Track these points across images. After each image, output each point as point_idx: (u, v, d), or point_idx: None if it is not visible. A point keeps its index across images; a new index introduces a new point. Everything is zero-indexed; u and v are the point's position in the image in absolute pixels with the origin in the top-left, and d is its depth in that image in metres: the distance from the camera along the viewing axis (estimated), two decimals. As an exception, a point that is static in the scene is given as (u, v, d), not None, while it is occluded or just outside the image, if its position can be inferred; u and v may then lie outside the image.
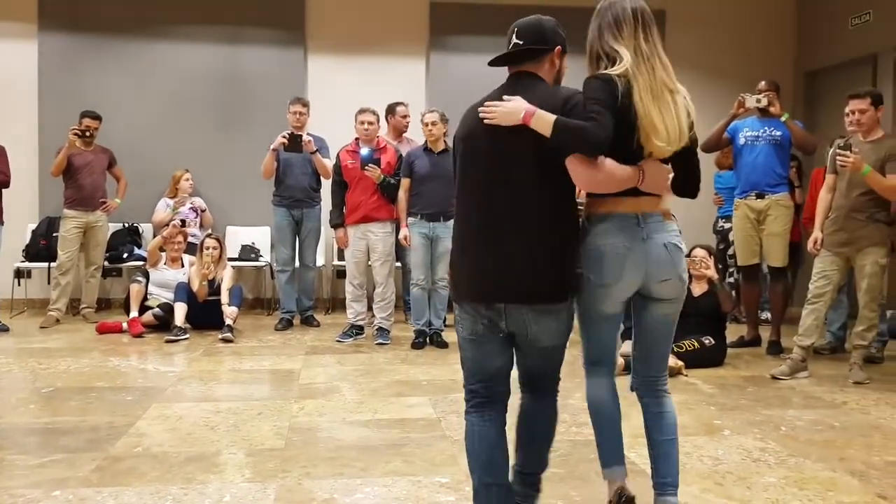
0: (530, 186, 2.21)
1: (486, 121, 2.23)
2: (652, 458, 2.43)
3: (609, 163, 2.20)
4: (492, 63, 2.39)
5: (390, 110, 6.61)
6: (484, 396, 2.34)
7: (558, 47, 2.32)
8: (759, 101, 5.39)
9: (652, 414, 2.43)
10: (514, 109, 2.18)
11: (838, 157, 4.59)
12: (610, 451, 2.46)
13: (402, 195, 5.64)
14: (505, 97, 2.23)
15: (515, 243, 2.21)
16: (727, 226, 6.66)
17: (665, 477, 2.40)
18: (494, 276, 2.22)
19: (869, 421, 3.83)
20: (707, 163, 6.82)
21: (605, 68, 2.27)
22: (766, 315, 6.34)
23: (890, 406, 4.11)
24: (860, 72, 7.20)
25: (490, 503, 2.32)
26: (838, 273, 4.76)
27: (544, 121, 2.14)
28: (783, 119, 5.41)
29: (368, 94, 6.84)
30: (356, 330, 5.91)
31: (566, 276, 2.25)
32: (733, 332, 5.75)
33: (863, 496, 2.82)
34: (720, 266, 6.53)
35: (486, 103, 2.26)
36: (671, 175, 2.34)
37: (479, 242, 2.26)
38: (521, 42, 2.29)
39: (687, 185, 2.39)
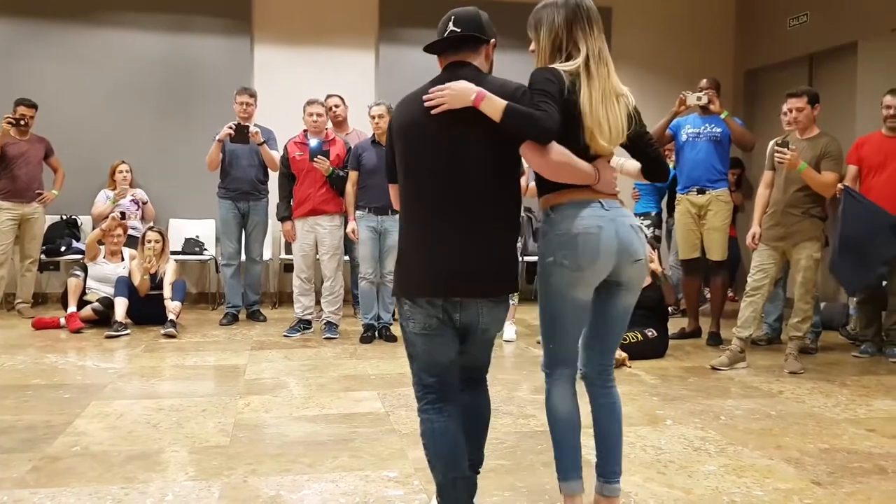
0: (482, 177, 2.18)
1: (433, 110, 2.17)
2: (600, 447, 2.44)
3: (561, 149, 2.18)
4: (428, 48, 2.30)
5: None
6: (438, 391, 2.31)
7: (493, 40, 2.31)
8: (699, 98, 5.51)
9: (602, 405, 2.43)
10: (464, 91, 2.14)
11: (776, 154, 4.73)
12: (569, 463, 2.37)
13: (349, 188, 5.60)
14: (448, 84, 2.17)
15: (471, 236, 2.18)
16: (645, 222, 6.79)
17: (614, 466, 2.44)
18: (452, 271, 2.18)
19: (804, 410, 3.96)
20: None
21: (559, 62, 2.28)
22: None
23: (823, 395, 4.26)
24: (797, 71, 7.42)
25: (459, 497, 2.30)
26: (775, 266, 4.91)
27: (494, 105, 2.11)
28: (723, 116, 5.54)
29: (316, 85, 6.78)
30: (304, 324, 5.86)
31: (516, 269, 2.31)
32: (675, 324, 5.88)
33: (798, 482, 2.92)
34: None
35: (431, 90, 2.19)
36: (617, 175, 2.37)
37: (432, 236, 2.21)
38: (458, 30, 2.24)
39: (653, 169, 2.43)
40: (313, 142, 5.62)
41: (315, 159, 5.52)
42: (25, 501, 2.65)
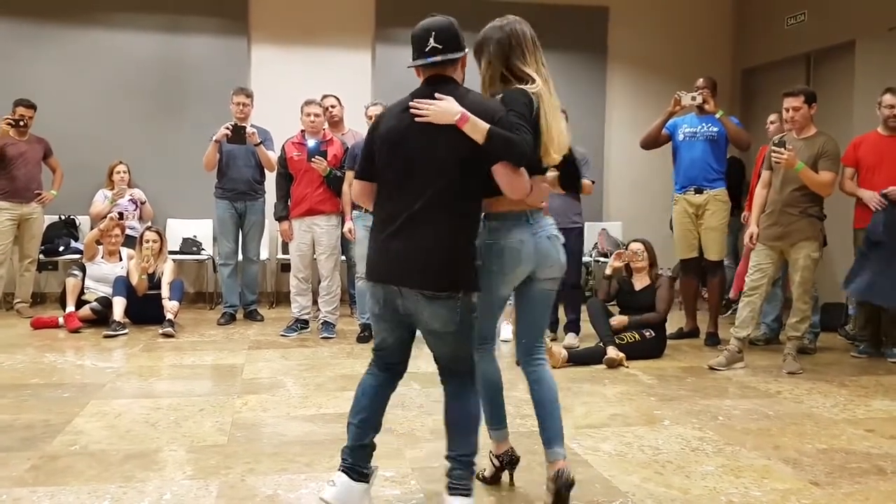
0: (449, 188, 2.35)
1: (417, 118, 2.35)
2: (539, 416, 2.67)
3: (525, 173, 2.42)
4: (412, 65, 2.49)
5: None
6: (379, 361, 2.59)
7: (467, 51, 2.49)
8: (694, 98, 5.52)
9: (534, 382, 2.69)
10: (449, 110, 2.33)
11: (773, 154, 4.73)
12: (496, 416, 2.78)
13: (346, 188, 5.60)
14: (437, 95, 2.36)
15: (424, 236, 2.36)
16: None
17: (551, 433, 2.64)
18: (393, 260, 2.40)
19: (802, 410, 3.96)
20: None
21: (517, 85, 2.50)
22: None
23: (821, 395, 4.26)
24: (795, 70, 7.43)
25: (347, 437, 2.54)
26: (773, 266, 4.91)
27: (478, 128, 2.31)
28: (718, 116, 5.54)
29: (313, 85, 6.76)
30: (301, 324, 5.86)
31: (458, 271, 2.40)
32: (672, 323, 5.88)
33: (796, 483, 2.93)
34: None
35: (418, 100, 2.38)
36: (548, 190, 2.66)
37: (392, 230, 2.41)
38: (439, 46, 2.40)
39: (572, 183, 2.82)
40: (311, 142, 5.62)
41: (313, 159, 5.52)
42: (24, 500, 2.65)
